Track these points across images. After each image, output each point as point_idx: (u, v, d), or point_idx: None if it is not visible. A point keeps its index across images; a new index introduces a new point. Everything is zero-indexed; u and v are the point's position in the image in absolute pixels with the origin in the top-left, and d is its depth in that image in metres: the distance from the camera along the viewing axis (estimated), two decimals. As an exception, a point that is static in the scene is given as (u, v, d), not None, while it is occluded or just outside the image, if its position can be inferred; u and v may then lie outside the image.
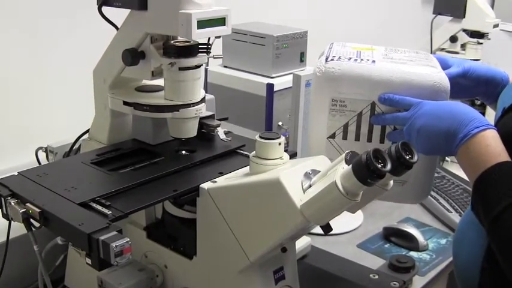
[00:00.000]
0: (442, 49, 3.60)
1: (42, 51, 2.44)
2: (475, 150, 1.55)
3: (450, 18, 3.48)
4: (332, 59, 1.83)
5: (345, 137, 1.85)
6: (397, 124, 1.77)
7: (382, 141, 1.83)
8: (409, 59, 1.87)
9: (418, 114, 1.68)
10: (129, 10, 1.79)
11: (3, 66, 2.33)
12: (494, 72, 1.94)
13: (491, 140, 1.54)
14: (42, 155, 2.24)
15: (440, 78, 1.77)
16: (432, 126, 1.64)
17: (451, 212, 2.64)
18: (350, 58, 1.84)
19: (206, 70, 2.81)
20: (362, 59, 1.83)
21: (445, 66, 1.93)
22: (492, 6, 4.90)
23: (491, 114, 1.90)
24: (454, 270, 1.87)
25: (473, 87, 1.96)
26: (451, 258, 2.11)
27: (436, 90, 1.75)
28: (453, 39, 3.52)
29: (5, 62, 2.33)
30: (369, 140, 1.83)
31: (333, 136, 1.85)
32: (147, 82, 1.95)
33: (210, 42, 1.81)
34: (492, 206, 1.45)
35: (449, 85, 1.77)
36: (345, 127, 1.84)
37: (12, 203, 1.57)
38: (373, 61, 1.81)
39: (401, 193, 1.88)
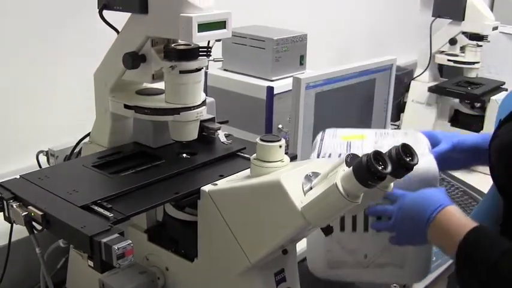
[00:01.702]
0: (442, 52, 3.60)
1: (43, 55, 2.44)
2: (442, 229, 1.64)
3: (449, 20, 3.48)
4: (323, 156, 1.86)
5: (342, 229, 1.90)
6: (386, 216, 1.80)
7: (366, 229, 1.88)
8: None
9: (399, 208, 1.75)
10: (129, 14, 1.79)
11: (5, 70, 2.34)
12: (482, 139, 2.00)
13: (451, 216, 1.64)
14: (43, 159, 2.25)
15: (428, 166, 1.83)
16: (407, 219, 1.72)
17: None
18: (340, 154, 1.86)
19: (206, 73, 2.81)
20: None
21: (434, 142, 1.99)
22: (491, 8, 4.91)
23: (491, 121, 1.92)
24: (455, 272, 1.88)
25: (464, 158, 2.03)
26: (450, 261, 2.11)
27: (424, 179, 1.81)
28: (452, 41, 3.52)
29: (7, 66, 2.34)
30: (366, 230, 1.89)
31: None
32: (147, 85, 1.96)
33: (210, 45, 1.81)
34: (483, 263, 1.50)
35: (437, 169, 1.83)
36: (342, 220, 1.89)
37: (14, 206, 1.57)
38: None
39: (401, 275, 1.95)
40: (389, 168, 1.37)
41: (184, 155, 1.90)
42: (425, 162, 1.83)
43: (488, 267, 1.48)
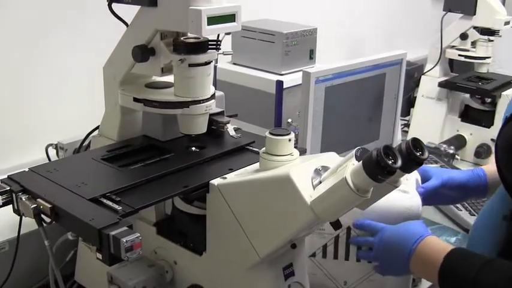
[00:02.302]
0: (453, 46, 3.58)
1: (52, 48, 2.45)
2: (423, 258, 1.70)
3: (460, 15, 3.46)
4: None
5: (324, 256, 1.99)
6: (367, 246, 1.89)
7: (358, 260, 1.95)
8: None
9: (380, 240, 1.82)
10: (139, 7, 1.79)
11: (14, 63, 2.34)
12: (471, 176, 2.09)
13: (430, 244, 1.71)
14: (52, 152, 2.25)
15: (411, 204, 1.91)
16: (389, 251, 1.79)
17: (461, 211, 2.63)
18: None
19: (215, 67, 2.81)
20: None
21: (425, 177, 2.06)
22: (503, 3, 4.87)
23: (502, 116, 1.91)
24: None
25: (453, 195, 2.11)
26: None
27: (406, 217, 1.89)
28: (463, 36, 3.49)
29: (15, 59, 2.34)
30: (346, 258, 1.97)
31: (313, 255, 1.99)
32: (157, 79, 1.95)
33: (220, 39, 1.81)
34: (464, 280, 1.57)
35: (420, 208, 1.91)
36: (324, 247, 1.98)
37: (24, 199, 1.58)
38: None
39: None
40: (399, 163, 1.36)
41: (193, 148, 1.90)
42: (410, 200, 1.90)
43: (469, 283, 1.54)
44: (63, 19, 2.45)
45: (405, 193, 1.92)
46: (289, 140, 1.55)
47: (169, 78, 1.88)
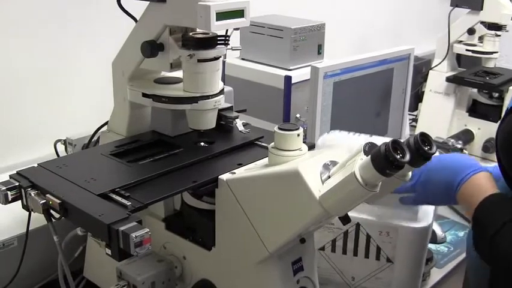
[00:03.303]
0: (460, 41, 3.57)
1: (60, 44, 2.45)
2: (468, 193, 1.68)
3: (468, 10, 3.45)
4: None
5: (333, 250, 2.03)
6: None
7: (366, 255, 1.98)
8: None
9: (428, 169, 1.76)
10: (148, 2, 1.79)
11: (22, 59, 2.35)
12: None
13: (482, 180, 1.67)
14: (61, 147, 2.25)
15: None
16: (437, 179, 1.76)
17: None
18: None
19: (224, 62, 2.81)
20: None
21: None
22: (510, -2, 4.87)
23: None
24: (466, 260, 1.90)
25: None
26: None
27: None
28: (471, 31, 3.49)
29: (24, 55, 2.35)
30: (355, 254, 2.00)
31: (322, 248, 2.03)
32: (165, 74, 1.96)
33: (228, 34, 1.81)
34: (488, 229, 1.54)
35: None
36: (333, 242, 2.02)
37: (33, 194, 1.58)
38: None
39: None
40: (407, 157, 1.36)
41: (202, 143, 1.91)
42: None
43: (491, 236, 1.52)
44: (73, 14, 2.46)
45: None
46: (298, 135, 1.55)
47: (178, 74, 1.88)
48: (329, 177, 1.46)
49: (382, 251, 1.97)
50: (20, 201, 1.63)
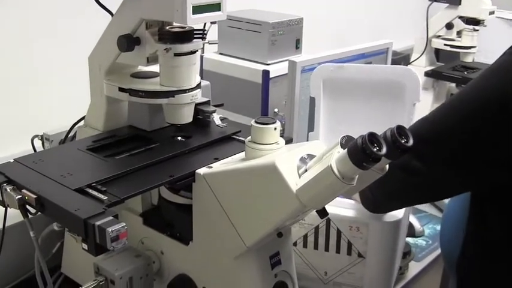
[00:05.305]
0: (438, 36, 3.59)
1: (36, 39, 2.44)
2: None
3: (446, 5, 3.47)
4: None
5: (305, 246, 2.04)
6: None
7: (338, 251, 1.99)
8: None
9: None
10: (124, -4, 1.78)
11: (-1, 54, 2.33)
12: None
13: None
14: (38, 143, 2.24)
15: None
16: None
17: (448, 198, 2.64)
18: None
19: (202, 57, 2.81)
20: None
21: None
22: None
23: None
24: (440, 242, 1.95)
25: None
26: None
27: None
28: (449, 26, 3.51)
29: (1, 51, 2.33)
30: (326, 249, 2.01)
31: (294, 244, 2.03)
32: (142, 68, 1.95)
33: (206, 28, 1.80)
34: None
35: None
36: (305, 237, 2.03)
37: (8, 190, 1.57)
38: None
39: None
40: (384, 150, 1.36)
41: (179, 138, 1.90)
42: None
43: None
44: (49, 9, 2.44)
45: None
46: (275, 128, 1.55)
47: (154, 68, 1.87)
48: (306, 170, 1.45)
49: (354, 246, 1.97)
50: (-4, 198, 1.62)
